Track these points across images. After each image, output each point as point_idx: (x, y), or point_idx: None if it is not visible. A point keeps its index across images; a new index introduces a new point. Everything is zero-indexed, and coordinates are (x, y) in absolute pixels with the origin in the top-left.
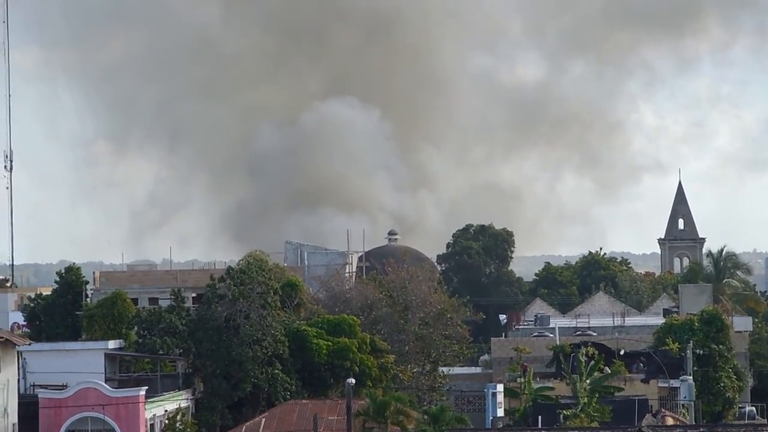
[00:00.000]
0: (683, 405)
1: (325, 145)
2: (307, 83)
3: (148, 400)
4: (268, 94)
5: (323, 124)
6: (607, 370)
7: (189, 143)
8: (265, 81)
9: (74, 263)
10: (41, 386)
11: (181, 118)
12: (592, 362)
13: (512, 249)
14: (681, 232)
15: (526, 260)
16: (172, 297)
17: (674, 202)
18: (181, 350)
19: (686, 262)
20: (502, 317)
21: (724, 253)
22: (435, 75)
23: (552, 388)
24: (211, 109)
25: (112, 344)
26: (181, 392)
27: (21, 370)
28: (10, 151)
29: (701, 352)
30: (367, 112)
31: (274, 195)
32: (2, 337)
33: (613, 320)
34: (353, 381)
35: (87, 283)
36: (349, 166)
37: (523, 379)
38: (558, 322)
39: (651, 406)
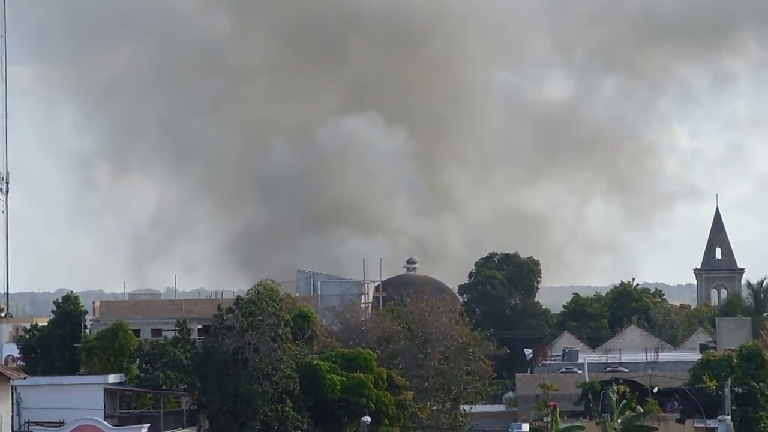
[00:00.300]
0: None
1: (342, 163)
2: (323, 98)
3: None
4: (282, 109)
5: (340, 141)
6: (640, 409)
7: (195, 163)
8: (279, 95)
9: (72, 292)
10: (37, 423)
11: (188, 136)
12: (624, 401)
13: (538, 279)
14: (718, 261)
15: (553, 291)
16: (177, 328)
17: (711, 230)
18: (186, 385)
19: (724, 293)
20: (528, 352)
21: (764, 284)
22: (459, 92)
23: (581, 428)
24: (220, 126)
25: (112, 378)
26: (185, 430)
27: (15, 406)
28: (6, 172)
29: (740, 390)
30: (387, 128)
31: (287, 218)
32: None
33: (646, 356)
34: (369, 419)
35: (86, 313)
36: (367, 187)
37: (549, 419)
38: (587, 357)
39: None
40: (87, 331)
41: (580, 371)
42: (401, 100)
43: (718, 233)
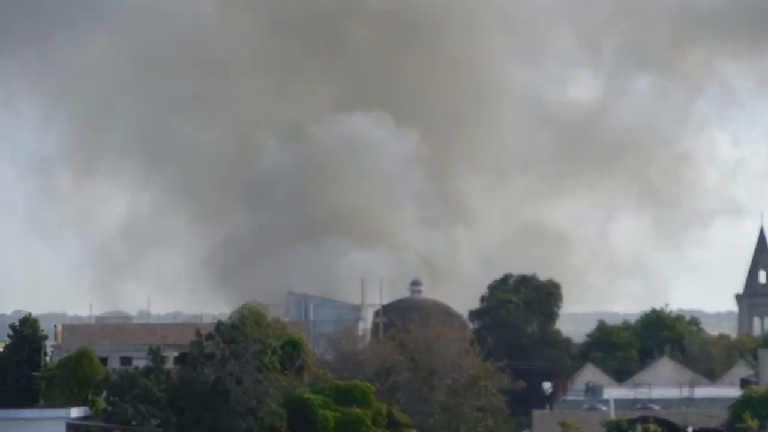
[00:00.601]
0: None
1: (341, 167)
2: (320, 94)
3: None
4: (273, 106)
5: (340, 141)
6: None
7: (172, 166)
8: (270, 91)
9: (31, 314)
10: None
11: (164, 136)
12: None
13: (559, 304)
14: (763, 287)
15: (576, 318)
16: (150, 356)
17: (755, 251)
18: (160, 420)
19: None
20: (547, 386)
21: None
22: (474, 91)
23: None
24: (202, 125)
25: (75, 412)
26: None
27: None
28: None
29: None
30: (394, 129)
31: (277, 229)
32: None
33: (680, 391)
34: None
35: (46, 338)
36: (370, 194)
37: None
38: (613, 392)
39: None
40: (47, 358)
41: (605, 408)
42: (409, 98)
43: (762, 254)
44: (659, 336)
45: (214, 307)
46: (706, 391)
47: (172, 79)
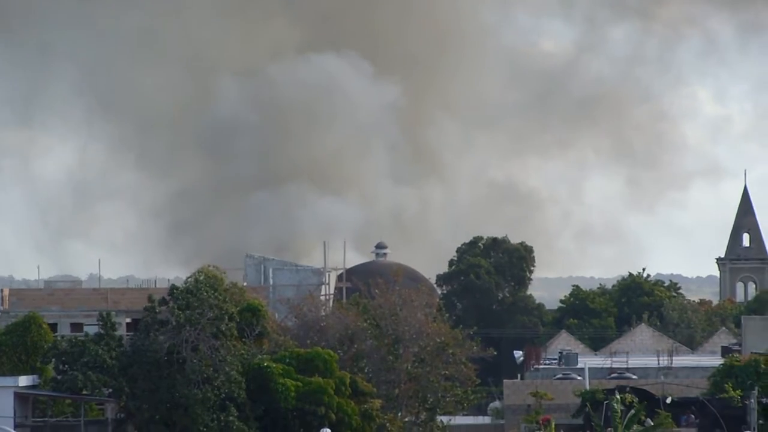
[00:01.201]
0: None
1: (306, 112)
2: (283, 31)
3: None
4: (230, 44)
5: (304, 83)
6: (650, 422)
7: (117, 113)
8: (225, 27)
9: None
10: None
11: (107, 81)
12: (631, 412)
13: (531, 268)
14: (746, 250)
15: (549, 282)
16: (100, 322)
17: (737, 213)
18: (111, 390)
19: (752, 287)
20: (518, 354)
21: None
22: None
23: None
24: (151, 66)
25: (23, 381)
26: None
27: None
28: None
29: None
30: (363, 70)
31: (232, 182)
32: None
33: (658, 360)
34: (328, 431)
35: None
36: (335, 142)
37: None
38: (588, 361)
39: None
40: None
41: (579, 377)
42: (378, 39)
43: (745, 217)
44: (637, 302)
45: (168, 270)
46: (685, 360)
47: (111, 17)
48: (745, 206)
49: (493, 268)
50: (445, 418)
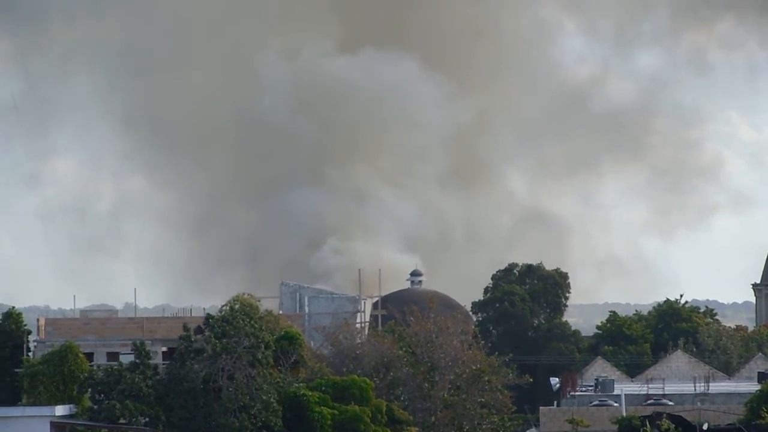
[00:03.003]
0: None
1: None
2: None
3: None
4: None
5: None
6: None
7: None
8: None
9: (14, 307)
10: None
11: (134, 91)
12: None
13: (567, 295)
14: None
15: (585, 309)
16: (136, 351)
17: None
18: (148, 419)
19: None
20: (554, 381)
21: None
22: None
23: None
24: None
25: (60, 410)
26: None
27: None
28: None
29: None
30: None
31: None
32: None
33: (695, 386)
34: None
35: (29, 332)
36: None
37: None
38: (625, 387)
39: None
40: (30, 354)
41: (615, 404)
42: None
43: None
44: (673, 328)
45: (204, 299)
46: (722, 386)
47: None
48: None
49: (528, 295)
50: None
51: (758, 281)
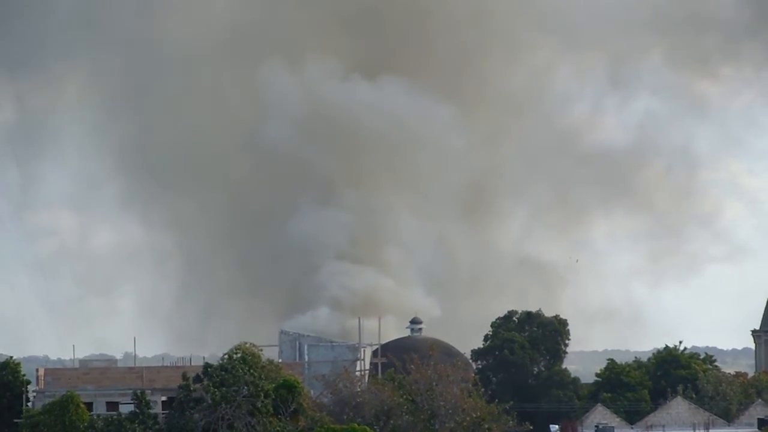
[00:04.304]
0: None
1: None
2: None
3: None
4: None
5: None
6: None
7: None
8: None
9: (12, 357)
10: None
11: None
12: None
13: (566, 342)
14: None
15: (585, 356)
16: (136, 401)
17: None
18: None
19: None
20: (554, 428)
21: None
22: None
23: None
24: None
25: None
26: None
27: None
28: None
29: None
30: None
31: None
32: None
33: None
34: None
35: (29, 383)
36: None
37: None
38: None
39: None
40: (30, 404)
41: None
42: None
43: None
44: (672, 375)
45: (203, 348)
46: None
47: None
48: None
49: (527, 342)
50: None
51: (758, 327)
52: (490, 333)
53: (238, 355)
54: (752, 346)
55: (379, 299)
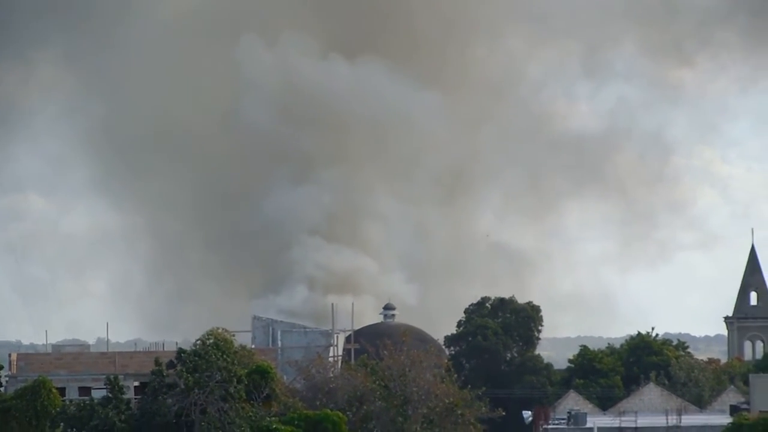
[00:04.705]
0: None
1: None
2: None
3: None
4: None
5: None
6: None
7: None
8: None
9: None
10: None
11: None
12: None
13: (539, 328)
14: (753, 308)
15: (557, 343)
16: (108, 386)
17: (745, 271)
18: None
19: (759, 346)
20: (527, 414)
21: None
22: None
23: None
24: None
25: None
26: None
27: None
28: None
29: None
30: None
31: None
32: None
33: (667, 419)
34: None
35: (1, 368)
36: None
37: None
38: (597, 420)
39: None
40: (2, 389)
41: None
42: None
43: (753, 275)
44: (645, 361)
45: (176, 333)
46: (694, 419)
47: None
48: (753, 265)
49: (500, 329)
50: None
51: (730, 314)
52: (463, 319)
53: (211, 341)
54: (725, 332)
55: (354, 279)
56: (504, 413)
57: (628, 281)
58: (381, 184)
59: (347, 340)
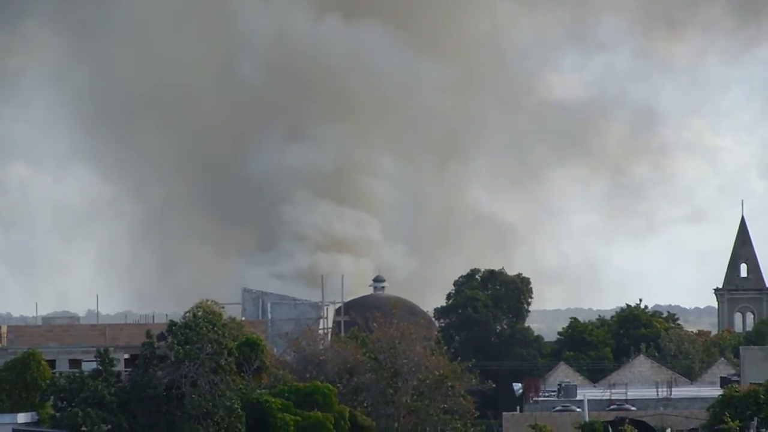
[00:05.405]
0: None
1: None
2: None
3: None
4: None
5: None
6: None
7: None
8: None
9: None
10: None
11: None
12: None
13: (529, 300)
14: (743, 280)
15: (548, 314)
16: (99, 358)
17: (735, 243)
18: (110, 426)
19: (750, 318)
20: (517, 386)
21: None
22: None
23: None
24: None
25: (22, 418)
26: None
27: None
28: None
29: None
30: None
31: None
32: None
33: (657, 391)
34: None
35: None
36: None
37: None
38: (587, 393)
39: None
40: None
41: (578, 409)
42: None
43: (743, 247)
44: (635, 333)
45: (166, 305)
46: (684, 391)
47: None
48: (743, 237)
49: (490, 301)
50: None
51: (720, 286)
52: (453, 291)
53: (200, 313)
54: (715, 304)
55: (344, 237)
56: (494, 385)
57: (618, 254)
58: (376, 146)
59: (337, 312)
